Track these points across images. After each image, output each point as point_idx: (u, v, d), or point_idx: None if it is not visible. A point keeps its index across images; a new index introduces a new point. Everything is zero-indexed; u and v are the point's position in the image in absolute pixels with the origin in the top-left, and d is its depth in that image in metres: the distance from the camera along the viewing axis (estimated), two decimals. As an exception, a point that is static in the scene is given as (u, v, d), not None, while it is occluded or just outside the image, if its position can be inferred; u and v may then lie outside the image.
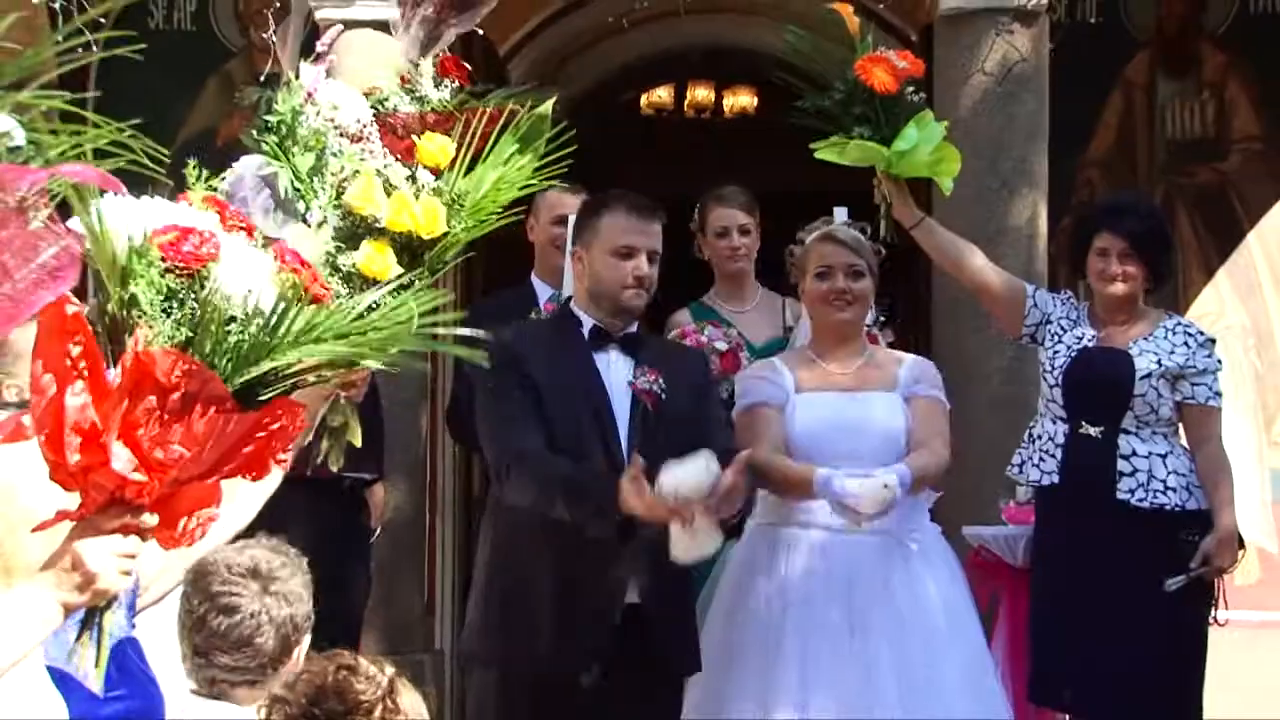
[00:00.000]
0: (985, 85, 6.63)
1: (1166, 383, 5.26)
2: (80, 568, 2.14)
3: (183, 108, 8.34)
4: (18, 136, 2.05)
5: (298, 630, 3.32)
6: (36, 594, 2.15)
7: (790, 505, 4.86)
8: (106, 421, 2.11)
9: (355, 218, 3.41)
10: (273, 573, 3.33)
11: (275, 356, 2.19)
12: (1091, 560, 5.25)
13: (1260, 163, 8.32)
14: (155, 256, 2.21)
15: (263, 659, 3.28)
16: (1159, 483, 5.22)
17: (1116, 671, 5.19)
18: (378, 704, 2.53)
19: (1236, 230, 8.31)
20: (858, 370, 4.94)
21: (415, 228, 3.37)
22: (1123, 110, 8.37)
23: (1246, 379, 8.09)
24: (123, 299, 2.18)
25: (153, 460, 2.12)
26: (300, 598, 3.35)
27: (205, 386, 2.13)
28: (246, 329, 2.20)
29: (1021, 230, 6.60)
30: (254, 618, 3.27)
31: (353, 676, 2.55)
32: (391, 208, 3.37)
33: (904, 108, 5.05)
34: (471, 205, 3.41)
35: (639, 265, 4.48)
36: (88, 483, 2.14)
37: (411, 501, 6.89)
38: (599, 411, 4.48)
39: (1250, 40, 8.30)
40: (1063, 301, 5.50)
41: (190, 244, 2.24)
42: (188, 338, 2.18)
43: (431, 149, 3.51)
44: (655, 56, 9.51)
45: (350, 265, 3.36)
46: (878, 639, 4.73)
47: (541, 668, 4.47)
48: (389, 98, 3.78)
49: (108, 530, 2.17)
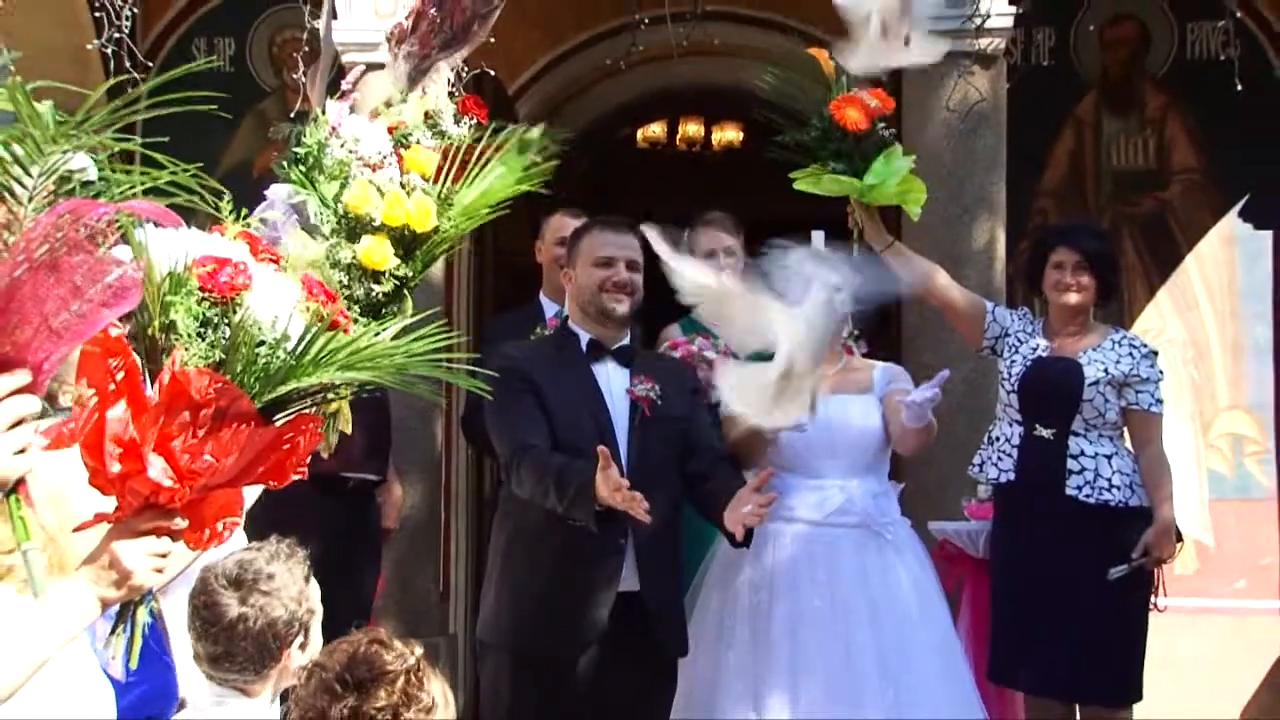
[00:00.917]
0: (949, 121, 6.64)
1: (1113, 390, 5.30)
2: (116, 565, 2.13)
3: (222, 142, 8.34)
4: (91, 173, 2.05)
5: (288, 628, 3.23)
6: (76, 589, 2.13)
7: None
8: (144, 433, 2.10)
9: (353, 217, 3.44)
10: (257, 578, 3.24)
11: (299, 377, 2.19)
12: (1044, 551, 5.27)
13: (1197, 192, 8.38)
14: (194, 285, 2.22)
15: (245, 658, 3.21)
16: (1105, 480, 5.25)
17: (1066, 652, 5.22)
18: (401, 675, 2.51)
19: (1176, 253, 8.36)
20: (835, 376, 4.94)
21: (409, 221, 3.39)
22: (1073, 145, 8.44)
23: (1185, 388, 8.12)
24: (163, 323, 2.18)
25: (184, 469, 2.11)
26: (293, 599, 3.27)
27: (234, 403, 2.13)
28: (274, 352, 2.20)
29: (982, 253, 6.60)
30: (235, 623, 3.19)
31: (383, 649, 2.54)
32: (387, 204, 3.41)
33: (874, 143, 5.05)
34: (460, 207, 3.45)
35: (618, 272, 4.54)
36: (125, 488, 2.13)
37: (428, 499, 6.88)
38: (598, 418, 4.49)
39: (1188, 82, 8.35)
40: (1019, 317, 5.52)
41: (226, 275, 2.24)
42: (220, 359, 2.18)
43: (418, 158, 3.56)
44: (650, 95, 9.50)
45: (351, 257, 3.39)
46: (857, 623, 4.74)
47: (548, 652, 4.48)
48: (412, 132, 3.77)
49: (142, 532, 2.15)
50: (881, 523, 4.87)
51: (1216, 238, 8.34)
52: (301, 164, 3.58)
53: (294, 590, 3.29)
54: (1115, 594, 5.18)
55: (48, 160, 1.96)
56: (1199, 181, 8.38)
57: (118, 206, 2.00)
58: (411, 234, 3.43)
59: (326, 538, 5.49)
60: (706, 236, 5.80)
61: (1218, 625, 7.93)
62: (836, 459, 4.86)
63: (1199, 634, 7.74)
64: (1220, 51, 7.98)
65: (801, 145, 5.09)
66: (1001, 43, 6.73)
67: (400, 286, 3.46)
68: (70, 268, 1.96)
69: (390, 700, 2.49)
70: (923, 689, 4.72)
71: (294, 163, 3.60)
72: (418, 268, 3.45)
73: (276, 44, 8.49)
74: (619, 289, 4.55)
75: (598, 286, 4.55)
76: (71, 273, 1.97)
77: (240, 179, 7.93)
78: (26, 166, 1.95)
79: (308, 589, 3.34)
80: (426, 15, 3.98)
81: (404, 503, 6.52)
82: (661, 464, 4.50)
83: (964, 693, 4.88)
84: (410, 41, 3.96)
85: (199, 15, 8.60)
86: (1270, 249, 8.33)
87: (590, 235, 4.66)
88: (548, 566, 4.47)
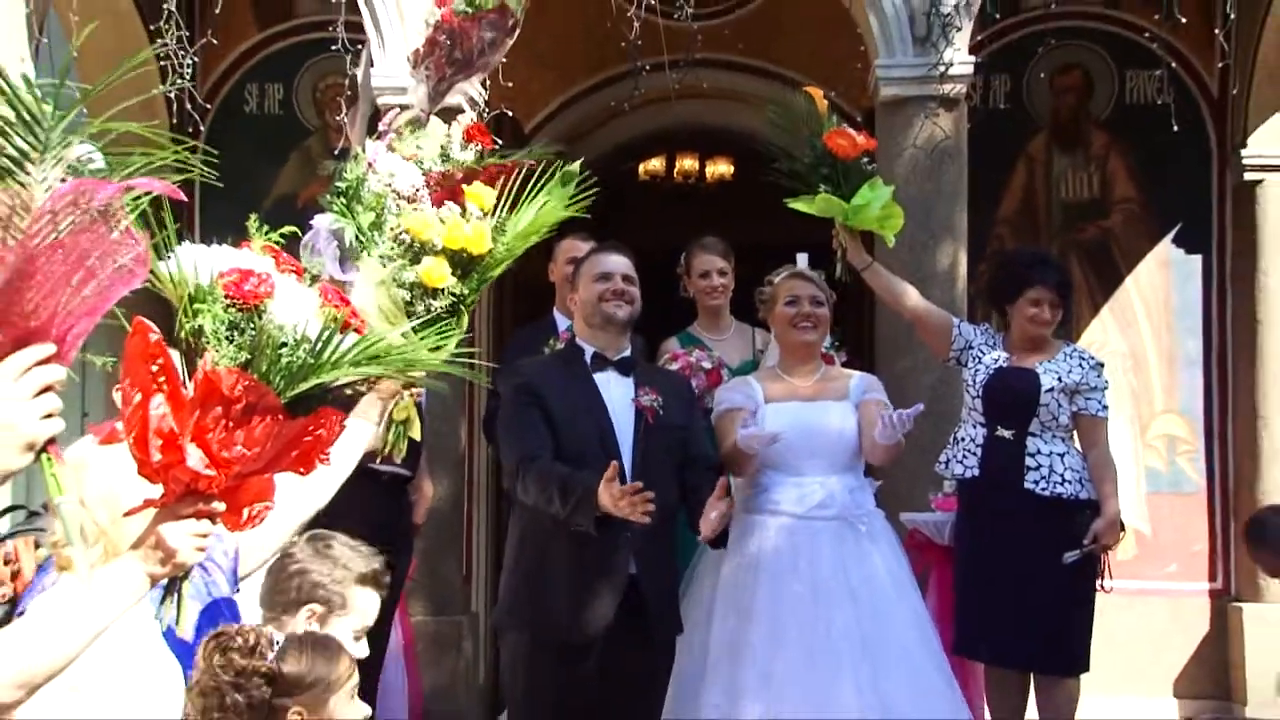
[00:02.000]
0: (916, 158, 6.65)
1: (1065, 396, 5.31)
2: (163, 545, 2.11)
3: (271, 175, 8.38)
4: (98, 160, 2.01)
5: (311, 589, 3.29)
6: (128, 567, 2.12)
7: (758, 496, 4.86)
8: (182, 427, 2.08)
9: (416, 242, 3.42)
10: (326, 542, 3.34)
11: (319, 375, 2.17)
12: (1003, 539, 5.26)
13: (1136, 221, 8.40)
14: (220, 294, 2.20)
15: (272, 591, 3.32)
16: (1058, 476, 5.26)
17: (1023, 628, 5.22)
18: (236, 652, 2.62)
19: (1117, 275, 8.38)
20: (815, 384, 4.95)
21: (467, 244, 3.38)
22: (1026, 179, 8.44)
23: (1125, 394, 8.11)
24: (193, 328, 2.18)
25: (220, 458, 2.09)
26: (334, 578, 3.31)
27: (262, 399, 2.10)
28: (296, 353, 2.17)
29: (946, 273, 6.61)
30: (284, 559, 3.31)
31: (216, 640, 2.66)
32: (448, 229, 3.40)
33: (859, 173, 5.07)
34: (513, 233, 3.44)
35: (615, 283, 4.58)
36: (168, 477, 2.10)
37: (452, 492, 6.86)
38: (600, 423, 4.49)
39: (1127, 124, 8.38)
40: (981, 331, 5.52)
41: (250, 284, 2.24)
42: (247, 359, 2.16)
43: (478, 193, 3.54)
44: (650, 133, 9.50)
45: (414, 277, 3.37)
46: (837, 604, 4.70)
47: (560, 633, 4.45)
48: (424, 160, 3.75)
49: (184, 515, 2.13)
50: (857, 515, 4.84)
51: (1153, 261, 8.36)
52: (342, 196, 3.56)
53: (340, 573, 3.30)
54: (1067, 577, 5.18)
55: (54, 149, 1.92)
56: (1137, 212, 8.40)
57: (124, 184, 1.96)
58: (469, 256, 3.41)
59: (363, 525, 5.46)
60: (702, 259, 5.80)
61: (1153, 605, 7.95)
62: (816, 458, 4.84)
63: (1137, 613, 7.76)
64: (1155, 97, 8.10)
65: (795, 173, 5.10)
66: (963, 88, 6.76)
67: (457, 303, 3.42)
68: (83, 248, 1.93)
69: (220, 684, 2.59)
70: (899, 660, 4.69)
71: (336, 195, 3.59)
72: (474, 286, 3.44)
73: (319, 89, 8.49)
74: (617, 296, 4.58)
75: (598, 298, 4.57)
76: (85, 253, 1.93)
77: (287, 207, 7.96)
78: (32, 157, 1.92)
79: (355, 587, 3.34)
80: (439, 42, 4.01)
81: (433, 496, 6.46)
82: (662, 467, 4.49)
83: (936, 663, 4.84)
84: (426, 65, 3.98)
85: (251, 64, 8.60)
86: (1200, 271, 8.34)
87: (590, 259, 4.73)
88: (558, 561, 4.45)
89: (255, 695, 2.58)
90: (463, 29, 4.07)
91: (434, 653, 6.74)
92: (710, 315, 5.84)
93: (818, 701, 4.55)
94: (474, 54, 3.97)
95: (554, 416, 4.46)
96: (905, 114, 6.68)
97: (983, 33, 7.22)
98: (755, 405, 4.86)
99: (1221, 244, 8.34)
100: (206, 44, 7.47)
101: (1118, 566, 5.66)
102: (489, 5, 4.39)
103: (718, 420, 4.93)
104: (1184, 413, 8.30)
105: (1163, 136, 7.90)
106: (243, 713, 2.58)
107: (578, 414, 4.48)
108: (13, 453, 1.92)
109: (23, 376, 1.92)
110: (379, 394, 3.21)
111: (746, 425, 4.62)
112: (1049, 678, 5.36)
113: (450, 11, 4.38)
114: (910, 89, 6.69)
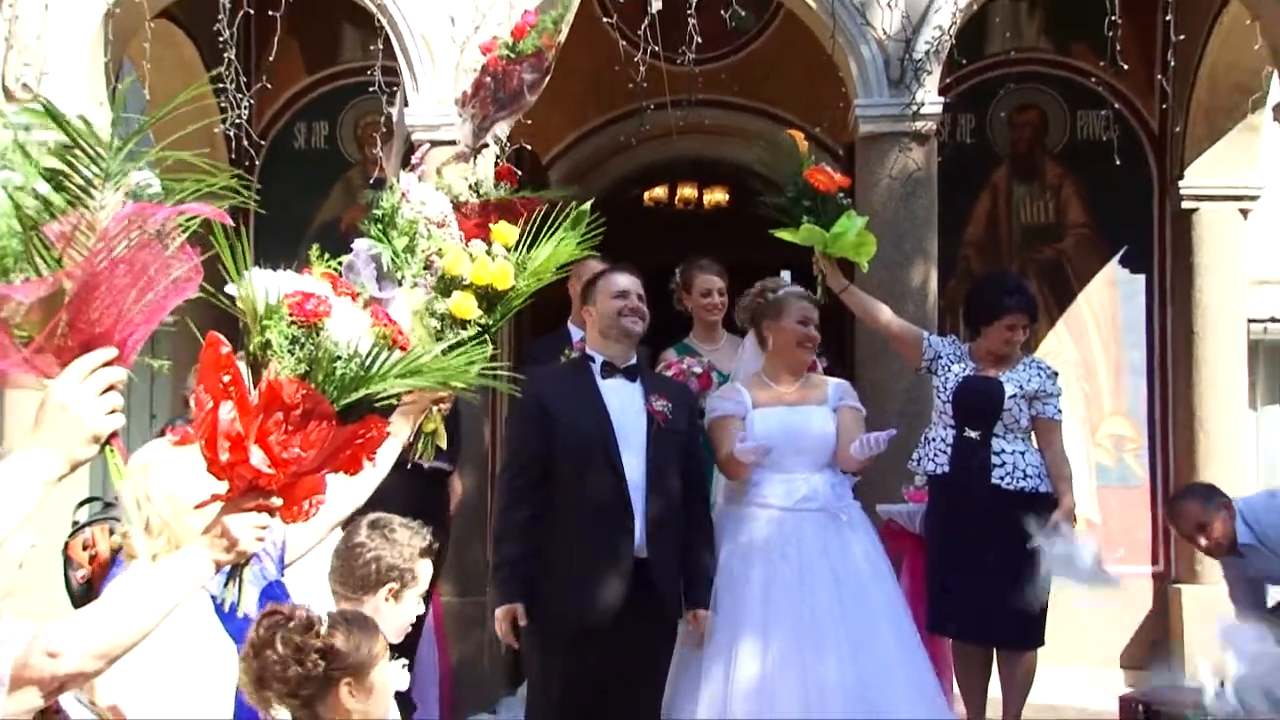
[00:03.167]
0: (892, 187, 6.64)
1: (1025, 401, 5.31)
2: (227, 535, 2.12)
3: (317, 203, 8.41)
4: (155, 185, 2.03)
5: (388, 572, 3.31)
6: (196, 554, 2.13)
7: (749, 490, 4.85)
8: (247, 430, 2.08)
9: (448, 277, 3.41)
10: (390, 526, 3.36)
11: (368, 386, 2.17)
12: (970, 528, 5.23)
13: (1086, 244, 8.42)
14: (285, 313, 2.20)
15: (349, 577, 3.31)
16: (1020, 472, 5.25)
17: (987, 608, 5.20)
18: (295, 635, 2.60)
19: (1070, 291, 8.39)
20: (798, 390, 4.94)
21: (492, 280, 3.38)
22: (989, 206, 8.45)
23: (1078, 399, 8.13)
24: (261, 342, 2.17)
25: (279, 459, 2.09)
26: (404, 556, 3.34)
27: (317, 406, 2.10)
28: (348, 366, 2.17)
29: (919, 291, 6.60)
30: (355, 547, 3.33)
31: (273, 617, 2.64)
32: (475, 267, 3.39)
33: (837, 205, 5.08)
34: (531, 269, 3.43)
35: (631, 301, 4.59)
36: (233, 474, 2.11)
37: (477, 486, 6.83)
38: (603, 426, 4.49)
39: (1078, 156, 8.40)
40: (949, 343, 5.51)
41: (310, 305, 2.23)
42: (306, 370, 2.15)
43: (503, 232, 3.53)
44: (654, 165, 9.48)
45: (445, 309, 3.38)
46: (820, 585, 4.69)
47: (573, 615, 4.42)
48: (460, 194, 3.75)
49: (246, 509, 2.14)
50: (838, 507, 4.82)
51: (1101, 280, 8.39)
52: (379, 223, 3.56)
53: (408, 551, 3.34)
54: (1027, 561, 5.12)
55: (115, 177, 1.94)
56: (1087, 235, 8.42)
57: (178, 209, 1.97)
58: (494, 291, 3.40)
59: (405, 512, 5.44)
60: (703, 279, 5.79)
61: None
62: (801, 456, 4.83)
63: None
64: (1103, 134, 8.05)
65: (780, 206, 5.10)
66: (933, 125, 6.75)
67: (483, 331, 3.42)
68: (142, 262, 1.94)
69: (280, 657, 2.57)
70: (876, 635, 4.68)
71: (373, 221, 3.58)
72: (497, 318, 3.43)
73: (360, 126, 8.51)
74: (634, 313, 4.59)
75: (616, 313, 4.58)
76: (144, 267, 1.95)
77: (330, 231, 7.98)
78: (96, 184, 1.94)
79: (420, 561, 3.38)
80: (484, 84, 4.03)
81: (463, 491, 6.46)
82: (669, 465, 4.52)
83: (910, 637, 4.83)
84: (472, 104, 4.00)
85: (300, 105, 8.63)
86: (1143, 289, 8.38)
87: (605, 278, 4.70)
88: (573, 544, 4.43)
89: (312, 668, 2.58)
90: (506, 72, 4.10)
91: (461, 629, 6.72)
92: (707, 328, 5.83)
93: (804, 672, 4.54)
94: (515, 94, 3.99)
95: (558, 421, 4.47)
96: (882, 148, 6.68)
97: (950, 76, 7.22)
98: (745, 411, 4.86)
99: (1162, 265, 8.38)
100: (261, 87, 7.48)
101: (1072, 553, 5.66)
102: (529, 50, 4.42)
103: (711, 426, 4.92)
104: (1130, 415, 8.34)
105: (1109, 169, 7.83)
106: (301, 683, 2.58)
107: (584, 416, 4.48)
108: (81, 444, 1.93)
109: (89, 377, 1.94)
110: (409, 408, 3.21)
111: (744, 440, 4.65)
112: (1010, 652, 5.34)
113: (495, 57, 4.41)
114: (886, 126, 6.68)
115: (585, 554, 4.41)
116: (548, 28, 4.41)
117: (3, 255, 1.90)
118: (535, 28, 4.42)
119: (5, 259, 1.90)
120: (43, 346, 1.92)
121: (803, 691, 4.51)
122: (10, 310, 1.89)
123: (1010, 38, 8.11)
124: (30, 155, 1.93)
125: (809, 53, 7.23)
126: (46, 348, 1.92)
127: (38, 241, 1.91)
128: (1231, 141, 8.11)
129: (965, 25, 6.84)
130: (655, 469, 4.45)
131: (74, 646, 1.95)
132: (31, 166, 1.93)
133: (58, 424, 1.91)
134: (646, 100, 7.46)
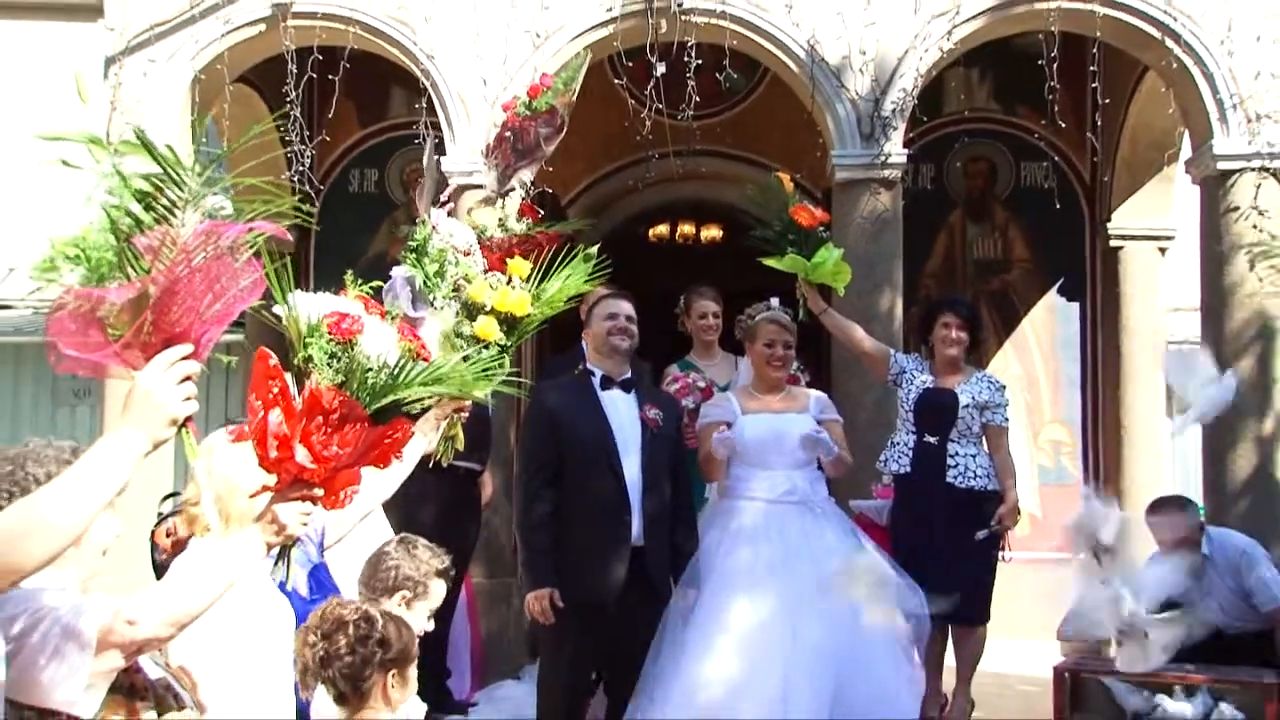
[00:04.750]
0: (863, 226, 6.63)
1: (977, 410, 5.24)
2: (276, 521, 2.13)
3: (368, 239, 8.44)
4: (228, 208, 2.05)
5: (404, 581, 3.30)
6: (251, 537, 2.15)
7: (737, 485, 4.83)
8: (293, 431, 2.09)
9: (474, 304, 3.39)
10: (414, 544, 3.36)
11: (396, 392, 2.15)
12: (929, 521, 5.16)
13: (1030, 276, 8.48)
14: (324, 331, 2.21)
15: (371, 581, 3.31)
16: (971, 472, 5.19)
17: (943, 589, 5.07)
18: (352, 623, 2.59)
19: (1016, 316, 8.44)
20: (781, 400, 4.91)
21: (511, 308, 3.35)
22: (947, 242, 8.48)
23: (1021, 408, 8.12)
24: (304, 355, 2.17)
25: (320, 456, 2.10)
26: (421, 572, 3.32)
27: (352, 410, 2.10)
28: (379, 375, 2.16)
29: (886, 315, 6.57)
30: (382, 556, 3.34)
31: (340, 608, 2.64)
32: (497, 296, 3.37)
33: (817, 239, 5.05)
34: (544, 299, 3.41)
35: (619, 321, 4.60)
36: (281, 469, 2.12)
37: (503, 483, 6.76)
38: (603, 431, 4.51)
39: (1021, 201, 8.48)
40: (913, 360, 5.45)
41: (346, 323, 2.24)
42: (342, 380, 2.15)
43: (518, 265, 3.51)
44: (658, 205, 9.47)
45: (470, 331, 3.35)
46: (799, 567, 4.63)
47: (581, 594, 4.40)
48: (488, 229, 3.71)
49: (293, 498, 2.14)
50: (815, 500, 4.80)
51: (1042, 307, 8.44)
52: (413, 252, 3.53)
53: (425, 568, 3.35)
54: (977, 550, 5.12)
55: (195, 200, 1.97)
56: (1030, 268, 8.47)
57: (245, 226, 1.99)
58: (513, 317, 3.37)
59: (440, 506, 5.39)
60: (700, 304, 5.76)
61: (1043, 571, 7.73)
62: (783, 456, 4.79)
63: (1030, 577, 7.53)
64: (1043, 182, 8.27)
65: (767, 239, 5.09)
66: (899, 173, 6.74)
67: (502, 351, 3.39)
68: (215, 272, 1.97)
69: (348, 641, 2.57)
70: (849, 609, 4.58)
71: (408, 251, 3.55)
72: (515, 339, 3.40)
73: (405, 172, 8.54)
74: (621, 332, 4.61)
75: (607, 333, 4.61)
76: (216, 276, 1.97)
77: (380, 263, 7.95)
78: (179, 205, 1.97)
79: (435, 580, 3.36)
80: (505, 138, 4.02)
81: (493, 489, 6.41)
82: (661, 466, 4.54)
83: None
84: (495, 155, 3.97)
85: (354, 154, 8.65)
86: (1078, 314, 8.44)
87: (599, 303, 4.72)
88: (580, 531, 4.42)
89: (370, 655, 2.58)
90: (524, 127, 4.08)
91: (489, 606, 6.65)
92: (705, 347, 5.78)
93: (788, 639, 4.47)
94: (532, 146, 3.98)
95: (564, 428, 4.47)
96: (854, 192, 6.67)
97: (913, 131, 7.21)
98: (734, 417, 4.83)
99: (1094, 294, 8.44)
100: (321, 140, 7.49)
101: (1016, 542, 5.64)
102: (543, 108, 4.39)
103: (702, 430, 4.90)
104: (1066, 422, 8.36)
105: (1049, 212, 8.11)
106: (356, 670, 2.58)
107: (586, 424, 4.49)
108: (161, 426, 1.94)
109: (170, 369, 1.95)
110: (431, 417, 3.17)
111: (722, 435, 4.66)
112: (963, 627, 5.27)
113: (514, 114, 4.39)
114: (858, 173, 6.66)
115: (592, 543, 4.40)
116: (559, 88, 4.41)
117: (100, 264, 1.94)
118: (549, 88, 4.41)
119: (102, 267, 1.94)
120: (131, 342, 1.94)
121: (790, 650, 4.44)
122: (105, 310, 1.91)
123: (964, 99, 8.26)
124: (125, 180, 1.96)
125: (792, 110, 7.21)
126: (134, 343, 1.94)
127: (129, 253, 1.94)
128: (1151, 190, 8.23)
129: (926, 88, 6.85)
130: (650, 471, 4.48)
131: (150, 616, 1.99)
132: (126, 189, 1.96)
133: (143, 408, 1.92)
134: (651, 150, 7.47)
